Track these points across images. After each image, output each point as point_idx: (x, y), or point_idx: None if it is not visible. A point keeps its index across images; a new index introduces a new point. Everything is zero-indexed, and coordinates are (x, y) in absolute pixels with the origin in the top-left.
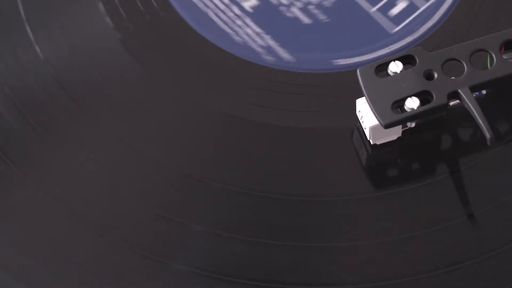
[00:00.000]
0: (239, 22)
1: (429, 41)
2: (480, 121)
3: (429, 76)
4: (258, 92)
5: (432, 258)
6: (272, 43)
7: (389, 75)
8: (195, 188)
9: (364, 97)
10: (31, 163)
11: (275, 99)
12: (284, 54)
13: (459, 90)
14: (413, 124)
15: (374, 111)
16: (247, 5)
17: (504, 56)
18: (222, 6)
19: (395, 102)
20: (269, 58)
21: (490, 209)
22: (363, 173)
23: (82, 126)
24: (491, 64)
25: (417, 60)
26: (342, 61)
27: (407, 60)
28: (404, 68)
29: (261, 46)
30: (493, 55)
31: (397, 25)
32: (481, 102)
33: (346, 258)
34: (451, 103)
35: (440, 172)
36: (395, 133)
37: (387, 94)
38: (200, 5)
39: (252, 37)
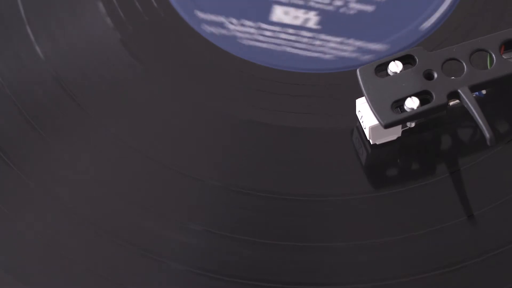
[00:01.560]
0: (317, 42)
1: (429, 41)
2: (479, 121)
3: (429, 76)
4: (258, 92)
5: (432, 258)
6: (359, 43)
7: (389, 75)
8: (195, 188)
9: (364, 97)
10: (31, 163)
11: (274, 99)
12: (376, 46)
13: (459, 90)
14: (413, 124)
15: (374, 111)
16: (311, 24)
17: (504, 56)
18: (292, 37)
19: (395, 102)
20: (367, 57)
21: (490, 209)
22: (363, 173)
23: (82, 126)
24: (491, 64)
25: (417, 60)
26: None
27: (407, 60)
28: (404, 68)
29: (353, 51)
30: (493, 55)
31: None
32: (481, 102)
33: (346, 258)
34: (451, 103)
35: (440, 172)
36: (395, 133)
37: (387, 94)
38: (268, 44)
39: (339, 48)
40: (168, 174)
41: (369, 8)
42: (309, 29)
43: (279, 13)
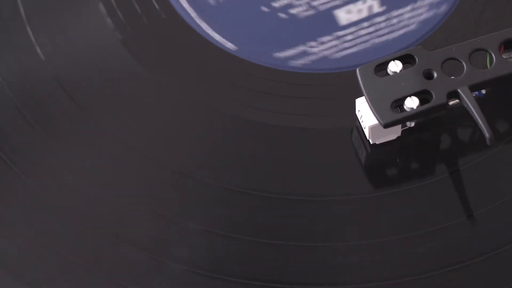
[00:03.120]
0: (394, 21)
1: (429, 41)
2: (479, 120)
3: (428, 76)
4: (258, 92)
5: (432, 258)
6: (428, 0)
7: (389, 74)
8: (194, 187)
9: (363, 97)
10: (31, 163)
11: (274, 99)
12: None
13: (459, 90)
14: (412, 124)
15: (374, 111)
16: (377, 9)
17: (504, 56)
18: (371, 29)
19: (395, 101)
20: (443, 8)
21: (490, 209)
22: (363, 173)
23: (82, 126)
24: (490, 64)
25: (417, 60)
26: None
27: (406, 59)
28: (404, 68)
29: (428, 10)
30: (493, 55)
31: None
32: (480, 102)
33: (346, 258)
34: (451, 103)
35: (440, 172)
36: (394, 132)
37: (386, 93)
38: (357, 46)
39: (416, 14)
40: (168, 174)
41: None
42: (379, 14)
43: (343, 15)
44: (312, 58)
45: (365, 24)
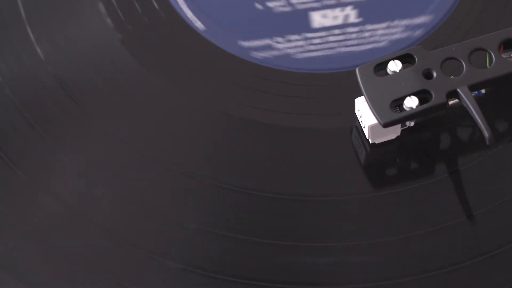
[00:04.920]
0: (366, 34)
1: (429, 40)
2: (478, 120)
3: (428, 75)
4: (258, 92)
5: (432, 258)
6: (405, 22)
7: (388, 74)
8: (194, 187)
9: (363, 96)
10: (31, 163)
11: (274, 99)
12: (422, 19)
13: (458, 89)
14: (412, 123)
15: (373, 110)
16: (353, 19)
17: (503, 55)
18: (341, 37)
19: (394, 101)
20: (418, 32)
21: (490, 209)
22: (362, 172)
23: (82, 126)
24: (490, 63)
25: (416, 59)
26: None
27: (406, 59)
28: (403, 67)
29: (403, 31)
30: (492, 54)
31: None
32: (480, 101)
33: (345, 258)
34: (450, 102)
35: (440, 171)
36: (394, 132)
37: (386, 93)
38: (322, 51)
39: (389, 33)
40: (168, 174)
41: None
42: (353, 24)
43: (318, 19)
44: (274, 53)
45: (337, 31)
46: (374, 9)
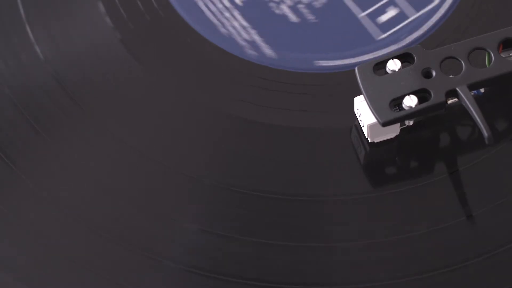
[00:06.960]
0: (227, 14)
1: (428, 40)
2: (478, 119)
3: (427, 74)
4: (257, 92)
5: (432, 258)
6: (257, 38)
7: (387, 73)
8: (194, 187)
9: (362, 95)
10: (31, 163)
11: (273, 98)
12: (267, 50)
13: (457, 88)
14: (411, 122)
15: (372, 109)
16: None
17: (503, 55)
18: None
19: (393, 100)
20: (251, 52)
21: (490, 209)
22: (361, 171)
23: (82, 126)
24: (489, 63)
25: (416, 58)
26: (324, 63)
27: (405, 58)
28: (402, 66)
29: (245, 40)
30: (492, 54)
31: (384, 32)
32: (479, 101)
33: (345, 258)
34: (449, 101)
35: (439, 171)
36: (393, 131)
37: (385, 92)
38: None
39: (238, 30)
40: (167, 173)
41: (294, 18)
42: (232, 1)
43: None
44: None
45: (226, 3)
46: (259, 13)
